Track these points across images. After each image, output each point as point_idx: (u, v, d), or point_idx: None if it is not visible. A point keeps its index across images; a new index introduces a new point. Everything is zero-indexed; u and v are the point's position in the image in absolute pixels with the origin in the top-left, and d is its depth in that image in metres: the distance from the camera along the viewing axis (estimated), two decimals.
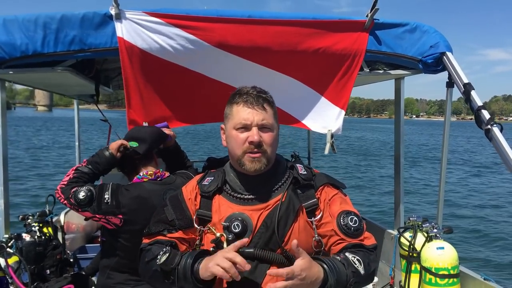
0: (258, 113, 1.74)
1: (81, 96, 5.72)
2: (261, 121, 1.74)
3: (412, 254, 3.26)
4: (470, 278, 3.08)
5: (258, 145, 1.72)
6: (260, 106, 1.75)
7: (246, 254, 1.68)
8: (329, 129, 3.28)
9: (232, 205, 1.79)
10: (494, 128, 2.72)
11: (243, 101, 1.76)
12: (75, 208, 2.43)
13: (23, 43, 2.74)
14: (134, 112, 3.02)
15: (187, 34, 2.87)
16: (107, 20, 2.83)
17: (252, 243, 1.72)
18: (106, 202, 2.42)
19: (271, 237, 1.72)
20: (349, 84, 3.20)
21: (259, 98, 1.76)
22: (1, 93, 3.22)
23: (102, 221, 2.49)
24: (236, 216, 1.75)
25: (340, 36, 3.08)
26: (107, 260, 2.64)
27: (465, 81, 2.94)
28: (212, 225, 1.78)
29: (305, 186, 1.82)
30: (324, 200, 1.82)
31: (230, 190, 1.84)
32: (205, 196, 1.85)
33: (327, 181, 1.88)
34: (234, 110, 1.78)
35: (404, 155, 3.87)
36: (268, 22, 2.95)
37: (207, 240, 1.79)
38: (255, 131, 1.73)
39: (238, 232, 1.71)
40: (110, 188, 2.48)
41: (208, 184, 1.88)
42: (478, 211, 14.39)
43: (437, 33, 3.16)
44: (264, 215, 1.75)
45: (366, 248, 1.75)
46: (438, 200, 3.44)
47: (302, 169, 1.88)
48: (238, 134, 1.75)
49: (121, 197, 2.47)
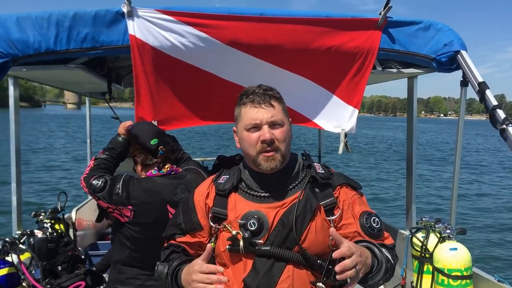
0: (266, 111, 1.74)
1: (92, 94, 5.77)
2: (271, 118, 1.73)
3: (425, 254, 3.23)
4: (484, 280, 3.04)
5: (270, 143, 1.71)
6: (268, 103, 1.75)
7: (263, 252, 1.69)
8: (342, 129, 3.25)
9: (248, 203, 1.79)
10: (509, 127, 2.68)
11: (250, 101, 1.77)
12: (93, 196, 2.53)
13: (36, 41, 2.75)
14: (143, 110, 3.02)
15: (198, 32, 2.86)
16: (119, 18, 2.83)
17: (268, 241, 1.71)
18: (117, 193, 2.47)
19: (288, 235, 1.71)
20: (362, 82, 3.17)
21: (265, 96, 1.76)
22: (14, 90, 3.26)
23: (116, 213, 2.53)
24: (253, 214, 1.74)
25: (353, 34, 3.05)
26: (118, 254, 2.66)
27: (479, 80, 2.90)
28: (228, 223, 1.78)
29: (323, 185, 1.81)
30: (344, 200, 1.81)
31: (246, 188, 1.83)
32: (220, 194, 1.85)
33: (344, 181, 1.87)
34: (242, 111, 1.79)
35: (416, 155, 3.84)
36: (280, 20, 2.93)
37: (222, 238, 1.79)
38: (266, 129, 1.72)
39: (254, 230, 1.70)
40: (122, 179, 2.53)
41: (223, 182, 1.88)
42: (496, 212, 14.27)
43: (451, 31, 3.11)
44: (280, 213, 1.74)
45: (387, 247, 1.77)
46: (451, 201, 3.40)
47: (319, 168, 1.88)
48: (250, 134, 1.75)
49: (132, 189, 2.51)
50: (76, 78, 3.84)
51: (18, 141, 3.30)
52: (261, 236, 1.71)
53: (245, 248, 1.70)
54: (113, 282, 2.67)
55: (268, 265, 1.68)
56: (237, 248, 1.71)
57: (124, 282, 2.61)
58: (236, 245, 1.71)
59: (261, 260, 1.70)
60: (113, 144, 2.75)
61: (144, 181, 2.61)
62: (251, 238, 1.69)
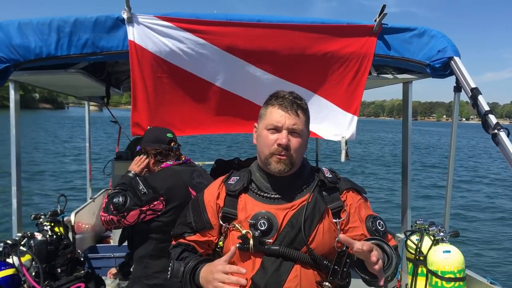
0: (291, 118, 1.79)
1: (92, 98, 5.80)
2: (292, 126, 1.78)
3: (419, 257, 3.26)
4: (477, 282, 3.08)
5: (285, 148, 1.77)
6: (294, 111, 1.80)
7: (272, 251, 1.75)
8: (342, 136, 3.29)
9: (258, 204, 1.84)
10: (501, 132, 2.73)
11: (278, 104, 1.82)
12: (122, 221, 2.59)
13: (37, 46, 2.79)
14: (139, 115, 3.07)
15: (196, 38, 2.91)
16: (119, 24, 2.89)
17: (277, 241, 1.77)
18: (144, 193, 2.57)
19: (296, 236, 1.76)
20: (359, 89, 3.22)
21: (293, 104, 1.81)
22: (15, 94, 3.30)
23: (149, 215, 2.61)
24: (263, 215, 1.80)
25: (349, 40, 3.10)
26: (143, 250, 2.72)
27: (472, 86, 2.95)
28: (238, 222, 1.83)
29: (331, 189, 1.88)
30: (350, 204, 1.87)
31: (257, 189, 1.89)
32: (230, 195, 1.90)
33: (350, 186, 1.94)
34: (268, 111, 1.85)
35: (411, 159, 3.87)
36: (277, 26, 2.98)
37: (232, 237, 1.84)
38: (284, 134, 1.78)
39: (264, 230, 1.76)
40: (139, 180, 2.63)
41: (234, 183, 1.93)
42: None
43: (445, 37, 3.17)
44: (289, 214, 1.80)
45: (391, 248, 1.81)
46: (445, 204, 3.44)
47: (327, 172, 1.94)
48: (269, 134, 1.81)
49: (154, 182, 2.63)
50: (76, 83, 3.89)
51: (19, 144, 3.34)
52: (271, 236, 1.77)
53: (254, 247, 1.76)
54: (139, 278, 2.71)
55: (276, 264, 1.74)
56: (247, 246, 1.76)
57: (151, 277, 2.67)
58: (246, 243, 1.76)
59: (269, 259, 1.76)
60: (124, 179, 2.82)
61: (163, 171, 2.77)
62: (261, 237, 1.75)
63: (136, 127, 3.08)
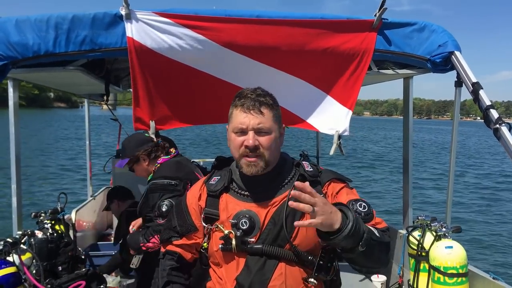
0: (254, 117, 1.75)
1: (91, 95, 5.79)
2: (257, 125, 1.75)
3: (421, 253, 3.26)
4: (479, 277, 3.07)
5: (253, 149, 1.74)
6: (257, 110, 1.76)
7: (255, 250, 1.72)
8: (336, 130, 3.26)
9: (239, 203, 1.83)
10: (502, 127, 2.71)
11: (240, 105, 1.79)
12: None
13: (35, 43, 2.77)
14: (141, 111, 3.07)
15: (195, 34, 2.90)
16: (117, 20, 2.86)
17: (260, 240, 1.75)
18: (174, 184, 2.71)
19: (279, 233, 1.75)
20: (357, 84, 3.20)
21: (256, 102, 1.77)
22: (14, 92, 3.29)
23: None
24: (244, 213, 1.78)
25: (349, 36, 3.08)
26: None
27: (473, 80, 2.93)
28: (220, 223, 1.82)
29: (312, 183, 1.83)
30: (331, 194, 1.85)
31: (237, 188, 1.87)
32: (212, 195, 1.89)
33: (333, 176, 1.91)
34: (233, 113, 1.82)
35: (412, 156, 3.85)
36: (276, 22, 2.96)
37: (215, 237, 1.83)
38: (251, 135, 1.75)
39: (245, 229, 1.75)
40: (160, 183, 2.77)
41: (215, 183, 1.92)
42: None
43: (445, 32, 3.14)
44: (271, 211, 1.78)
45: (378, 229, 1.74)
46: (446, 199, 3.43)
47: (308, 166, 1.91)
48: (236, 137, 1.79)
49: (170, 172, 2.79)
50: (75, 80, 3.87)
51: (18, 143, 3.33)
52: (253, 235, 1.75)
53: (237, 247, 1.74)
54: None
55: (260, 263, 1.73)
56: (229, 247, 1.75)
57: None
58: (228, 244, 1.75)
59: (253, 259, 1.74)
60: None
61: (166, 163, 2.91)
62: (243, 237, 1.73)
63: (138, 122, 3.08)
